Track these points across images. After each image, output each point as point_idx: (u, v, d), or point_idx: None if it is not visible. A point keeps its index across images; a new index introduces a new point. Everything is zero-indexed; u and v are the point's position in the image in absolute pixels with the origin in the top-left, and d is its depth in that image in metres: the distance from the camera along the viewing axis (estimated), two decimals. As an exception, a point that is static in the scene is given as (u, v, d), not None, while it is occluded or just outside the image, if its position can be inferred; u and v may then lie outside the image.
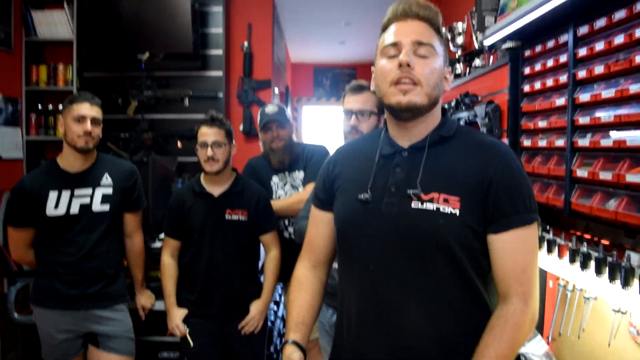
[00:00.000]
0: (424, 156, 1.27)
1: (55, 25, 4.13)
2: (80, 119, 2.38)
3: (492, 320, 1.20)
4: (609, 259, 1.52)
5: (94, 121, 2.42)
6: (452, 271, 1.21)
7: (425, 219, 1.21)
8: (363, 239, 1.30)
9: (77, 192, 2.43)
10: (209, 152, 2.41)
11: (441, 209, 1.20)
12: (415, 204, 1.23)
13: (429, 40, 1.26)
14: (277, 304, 3.75)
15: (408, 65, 1.23)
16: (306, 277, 1.50)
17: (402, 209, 1.24)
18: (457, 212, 1.19)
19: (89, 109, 2.41)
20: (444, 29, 1.35)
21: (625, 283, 1.44)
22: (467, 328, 1.22)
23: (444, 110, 1.38)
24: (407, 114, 1.27)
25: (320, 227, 1.47)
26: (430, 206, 1.21)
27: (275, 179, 2.80)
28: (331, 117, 8.43)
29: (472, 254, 1.22)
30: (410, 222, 1.23)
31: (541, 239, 1.88)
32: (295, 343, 1.38)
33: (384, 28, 1.34)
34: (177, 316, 2.50)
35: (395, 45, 1.27)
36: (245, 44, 4.36)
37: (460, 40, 3.00)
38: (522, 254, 1.20)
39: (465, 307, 1.23)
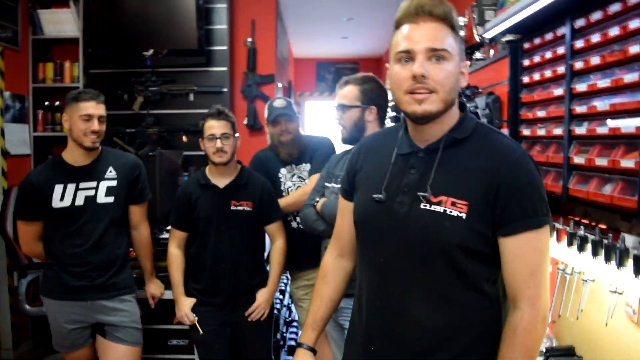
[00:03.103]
0: (436, 159, 1.29)
1: (62, 23, 4.19)
2: (88, 118, 2.42)
3: (504, 331, 1.25)
4: (605, 241, 1.58)
5: (100, 119, 2.45)
6: (453, 271, 1.25)
7: (432, 220, 1.25)
8: (376, 235, 1.37)
9: (82, 185, 2.48)
10: (218, 143, 2.48)
11: (448, 212, 1.24)
12: (424, 206, 1.27)
13: (442, 45, 1.22)
14: (282, 292, 3.83)
15: (423, 76, 1.22)
16: (331, 267, 1.60)
17: (412, 210, 1.29)
18: (464, 215, 1.23)
19: (95, 107, 2.44)
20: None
21: (620, 263, 1.50)
22: (469, 323, 1.28)
23: (463, 105, 1.37)
24: (423, 120, 1.28)
25: (345, 216, 1.52)
26: (438, 208, 1.25)
27: (283, 171, 2.87)
28: (334, 111, 8.45)
29: (476, 256, 1.25)
30: (418, 222, 1.28)
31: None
32: (310, 348, 1.54)
33: (397, 26, 1.30)
34: (186, 305, 2.56)
35: (408, 52, 1.24)
36: (249, 39, 4.42)
37: (461, 34, 3.05)
38: (530, 256, 1.22)
39: (467, 305, 1.27)
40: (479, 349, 1.28)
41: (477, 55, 2.74)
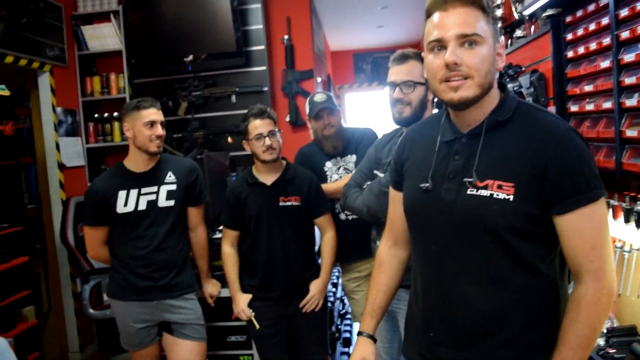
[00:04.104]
0: (480, 143, 1.29)
1: (104, 37, 4.35)
2: (152, 124, 2.54)
3: (568, 304, 1.23)
4: (664, 215, 1.53)
5: (161, 124, 2.58)
6: (504, 253, 1.25)
7: (479, 204, 1.25)
8: (425, 223, 1.38)
9: (143, 190, 2.59)
10: (267, 141, 2.53)
11: (494, 195, 1.23)
12: (470, 191, 1.27)
13: (473, 30, 1.21)
14: (334, 285, 3.86)
15: (455, 63, 1.21)
16: (386, 256, 1.62)
17: (459, 196, 1.29)
18: (511, 197, 1.21)
19: (156, 114, 2.57)
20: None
21: (681, 237, 1.45)
22: (524, 304, 1.26)
23: (503, 86, 1.36)
24: (460, 106, 1.28)
25: (397, 206, 1.53)
26: (484, 193, 1.25)
27: (328, 164, 2.89)
28: (374, 102, 8.43)
29: (527, 236, 1.23)
30: (465, 207, 1.28)
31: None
32: (370, 336, 1.57)
33: (427, 15, 1.30)
34: (242, 301, 2.63)
35: (439, 41, 1.24)
36: (286, 37, 4.46)
37: (499, 12, 2.99)
38: (589, 231, 1.20)
39: (521, 286, 1.26)
40: (537, 331, 1.27)
41: (518, 33, 2.67)
